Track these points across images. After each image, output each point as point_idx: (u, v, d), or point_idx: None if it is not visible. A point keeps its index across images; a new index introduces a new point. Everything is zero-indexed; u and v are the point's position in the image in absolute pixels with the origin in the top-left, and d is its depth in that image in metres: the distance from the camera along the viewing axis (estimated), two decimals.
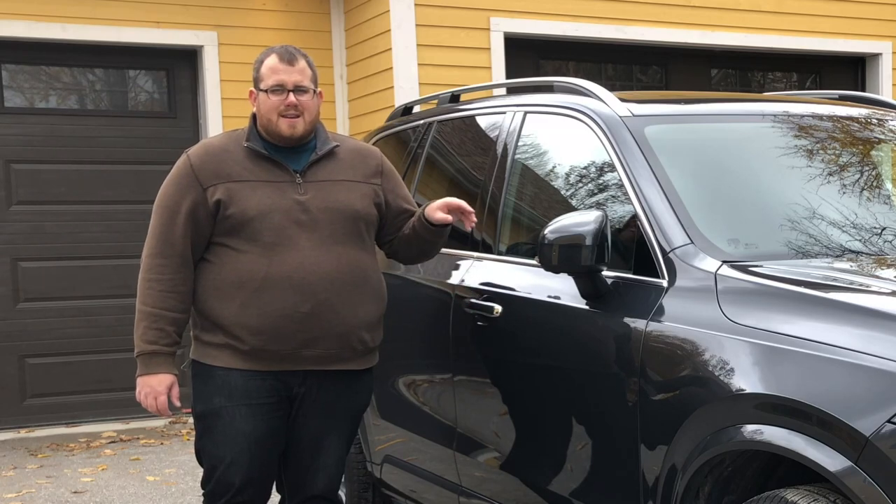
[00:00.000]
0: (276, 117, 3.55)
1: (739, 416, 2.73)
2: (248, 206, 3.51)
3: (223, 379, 3.55)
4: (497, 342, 3.74)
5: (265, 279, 3.48)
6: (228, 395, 3.55)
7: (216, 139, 3.70)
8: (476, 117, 4.50)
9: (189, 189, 3.54)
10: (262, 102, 3.58)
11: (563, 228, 3.19)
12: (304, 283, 3.50)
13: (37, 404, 7.82)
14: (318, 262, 3.52)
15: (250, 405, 3.55)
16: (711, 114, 3.92)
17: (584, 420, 3.35)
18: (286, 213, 3.52)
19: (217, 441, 3.58)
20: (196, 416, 3.63)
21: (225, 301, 3.51)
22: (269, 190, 3.55)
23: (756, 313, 2.80)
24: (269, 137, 3.61)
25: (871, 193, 3.60)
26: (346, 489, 4.79)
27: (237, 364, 3.54)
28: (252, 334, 3.50)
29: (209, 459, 3.62)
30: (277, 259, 3.50)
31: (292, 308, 3.49)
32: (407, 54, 7.64)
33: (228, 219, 3.52)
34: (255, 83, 3.63)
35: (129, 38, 7.74)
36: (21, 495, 6.17)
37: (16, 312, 7.79)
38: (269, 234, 3.50)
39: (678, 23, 8.42)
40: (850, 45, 9.03)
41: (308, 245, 3.53)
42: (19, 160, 7.77)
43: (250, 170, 3.57)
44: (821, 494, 2.54)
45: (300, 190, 3.57)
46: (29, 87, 8.02)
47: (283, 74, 3.56)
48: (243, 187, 3.54)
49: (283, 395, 3.60)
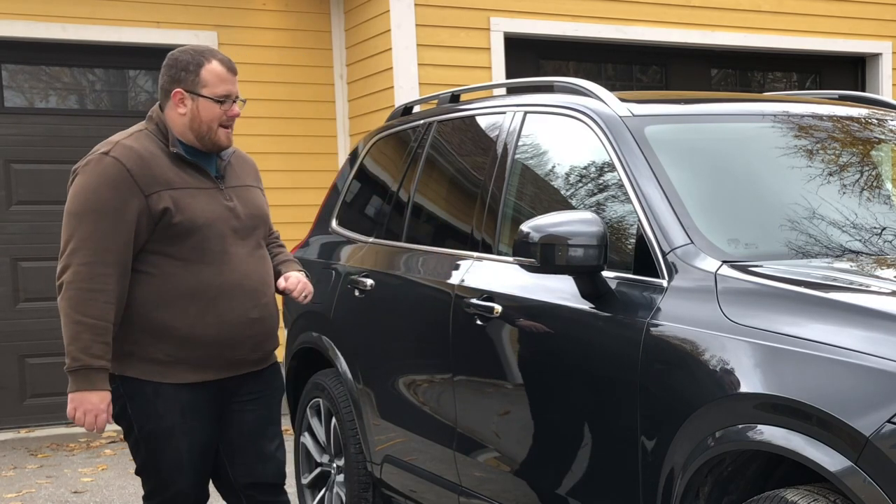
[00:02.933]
0: (216, 126, 3.51)
1: (739, 416, 2.73)
2: (194, 214, 3.43)
3: (173, 397, 3.48)
4: (497, 342, 3.74)
5: (220, 288, 3.46)
6: (181, 413, 3.49)
7: (133, 142, 3.47)
8: (476, 117, 4.50)
9: (130, 195, 3.36)
10: (206, 109, 3.48)
11: (558, 227, 3.20)
12: (251, 289, 3.54)
13: (37, 404, 7.82)
14: (255, 269, 3.58)
15: (200, 419, 3.54)
16: (711, 114, 3.92)
17: (583, 420, 3.34)
18: (224, 221, 3.51)
19: (168, 459, 3.52)
20: (142, 436, 3.53)
21: (176, 312, 3.43)
22: (205, 197, 3.49)
23: (756, 313, 2.80)
24: (194, 143, 3.51)
25: (871, 193, 3.60)
26: (346, 489, 4.79)
27: (188, 378, 3.48)
28: (208, 344, 3.47)
29: (157, 477, 3.56)
30: (227, 268, 3.49)
31: (245, 315, 3.52)
32: (407, 54, 7.64)
33: (173, 227, 3.40)
34: (184, 84, 3.48)
35: (129, 38, 7.74)
36: (21, 495, 6.17)
37: (16, 312, 7.79)
38: (215, 243, 3.47)
39: (678, 23, 8.42)
40: (850, 45, 9.03)
41: (244, 252, 3.55)
42: (19, 160, 7.77)
43: (182, 177, 3.46)
44: (821, 494, 2.54)
45: (226, 196, 3.56)
46: (29, 87, 8.02)
47: (230, 85, 3.52)
48: (184, 195, 3.43)
49: (222, 402, 3.62)
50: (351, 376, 4.69)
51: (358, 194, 5.19)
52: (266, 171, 8.13)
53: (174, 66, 3.51)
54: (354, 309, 4.72)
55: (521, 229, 3.26)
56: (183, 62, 3.50)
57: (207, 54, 3.52)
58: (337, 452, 4.90)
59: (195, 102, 3.48)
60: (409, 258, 4.46)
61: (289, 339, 5.28)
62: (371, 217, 4.95)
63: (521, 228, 3.25)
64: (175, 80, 3.50)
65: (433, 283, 4.20)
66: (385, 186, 4.93)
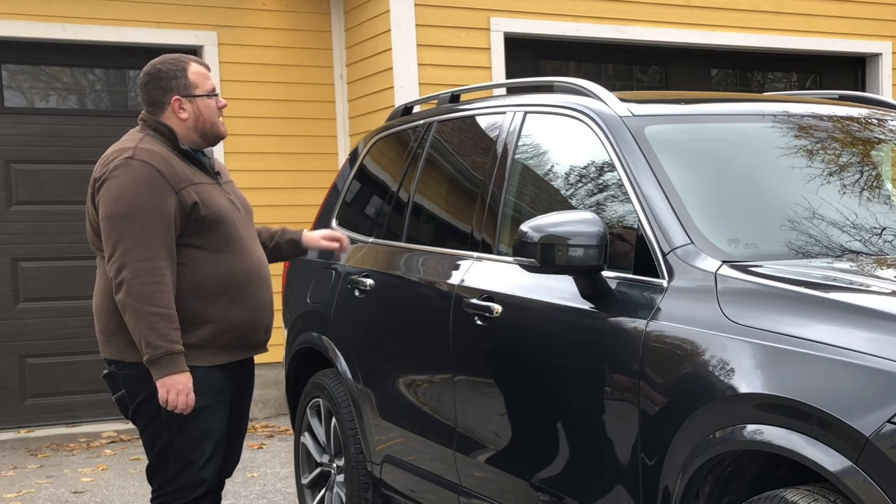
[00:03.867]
0: (217, 120, 3.74)
1: (739, 416, 2.73)
2: (217, 207, 3.68)
3: (204, 378, 3.65)
4: (497, 342, 3.74)
5: (246, 275, 3.71)
6: (210, 393, 3.68)
7: (148, 144, 3.65)
8: (476, 117, 4.50)
9: (166, 193, 3.57)
10: (206, 107, 3.71)
11: (558, 227, 3.20)
12: (265, 275, 3.83)
13: (37, 404, 7.82)
14: (261, 257, 3.85)
15: (226, 400, 3.76)
16: (711, 114, 3.92)
17: (583, 420, 3.34)
18: (234, 213, 3.76)
19: (195, 440, 3.68)
20: (171, 421, 3.65)
21: (210, 299, 3.65)
22: (217, 192, 3.74)
23: (756, 313, 2.80)
24: (199, 141, 3.73)
25: (871, 193, 3.60)
26: (346, 489, 4.79)
27: (217, 360, 3.69)
28: (236, 328, 3.72)
29: (182, 458, 3.69)
30: (245, 255, 3.74)
31: (263, 299, 3.79)
32: (407, 54, 7.64)
33: (201, 220, 3.63)
34: (179, 90, 3.67)
35: (129, 38, 7.74)
36: (21, 495, 6.17)
37: (16, 312, 7.79)
38: (234, 233, 3.71)
39: (678, 23, 8.42)
40: (849, 45, 9.03)
41: (251, 242, 3.83)
42: (19, 160, 7.77)
43: (196, 174, 3.70)
44: (821, 494, 2.55)
45: (225, 191, 3.80)
46: (29, 87, 8.02)
47: (211, 80, 3.77)
48: (203, 190, 3.67)
49: (235, 387, 3.84)
50: (351, 376, 4.69)
51: (358, 194, 5.20)
52: (266, 171, 8.26)
53: (161, 77, 3.69)
54: (354, 309, 4.72)
55: (521, 229, 3.26)
56: (169, 72, 3.69)
57: (184, 59, 3.75)
58: (337, 452, 4.90)
59: (194, 104, 3.70)
60: (409, 258, 4.46)
61: (289, 339, 5.28)
62: (371, 217, 4.95)
63: (521, 228, 3.26)
64: (167, 90, 3.68)
65: (433, 283, 4.20)
66: (385, 186, 4.93)
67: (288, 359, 5.27)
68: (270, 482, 6.27)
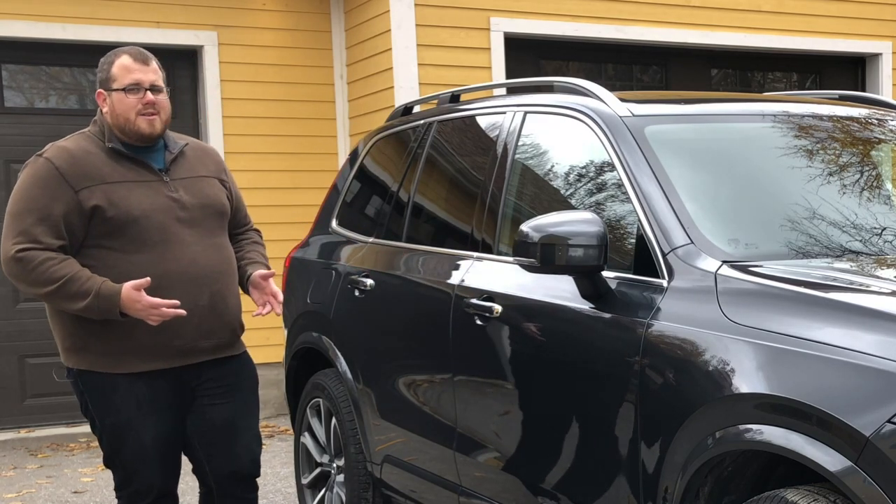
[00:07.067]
0: (134, 116, 3.61)
1: (739, 416, 2.73)
2: (129, 206, 3.55)
3: (128, 389, 3.60)
4: (497, 342, 3.74)
5: (163, 276, 3.54)
6: (137, 405, 3.61)
7: (68, 143, 3.64)
8: (476, 117, 4.50)
9: (61, 192, 3.50)
10: (119, 102, 3.60)
11: (559, 227, 3.20)
12: (199, 276, 3.64)
13: (37, 404, 7.82)
14: (205, 256, 3.67)
15: (159, 410, 3.65)
16: (711, 114, 3.92)
17: (583, 420, 3.35)
18: (166, 212, 3.62)
19: (131, 451, 3.65)
20: (104, 430, 3.66)
21: None
22: (145, 190, 3.61)
23: (756, 313, 2.80)
24: (125, 138, 3.64)
25: (871, 193, 3.60)
26: (346, 489, 4.79)
27: (138, 367, 3.59)
28: (155, 332, 3.55)
29: (125, 468, 3.68)
30: (170, 256, 3.59)
31: (192, 302, 3.59)
32: (407, 54, 7.64)
33: (109, 221, 3.52)
34: (103, 84, 3.64)
35: (129, 38, 7.73)
36: (21, 495, 6.17)
37: (16, 312, 7.79)
38: (156, 233, 3.58)
39: (678, 23, 8.42)
40: (849, 45, 9.03)
41: (192, 240, 3.65)
42: (19, 160, 7.74)
43: (119, 171, 3.60)
44: (821, 494, 2.54)
45: (171, 188, 3.67)
46: (29, 87, 8.02)
47: (138, 73, 3.61)
48: (119, 188, 3.56)
49: (183, 393, 3.71)
50: (351, 376, 4.69)
51: (358, 194, 5.19)
52: (266, 171, 8.25)
53: (98, 71, 3.67)
54: (354, 309, 4.72)
55: (521, 229, 3.26)
56: (101, 65, 3.67)
57: (119, 51, 3.67)
58: (337, 452, 4.90)
59: (110, 98, 3.62)
60: (409, 258, 4.46)
61: (289, 339, 5.28)
62: (371, 217, 4.95)
63: (521, 228, 3.25)
64: (98, 84, 3.67)
65: (433, 283, 4.20)
66: (385, 186, 4.93)
67: (288, 359, 5.27)
68: (270, 482, 6.27)
